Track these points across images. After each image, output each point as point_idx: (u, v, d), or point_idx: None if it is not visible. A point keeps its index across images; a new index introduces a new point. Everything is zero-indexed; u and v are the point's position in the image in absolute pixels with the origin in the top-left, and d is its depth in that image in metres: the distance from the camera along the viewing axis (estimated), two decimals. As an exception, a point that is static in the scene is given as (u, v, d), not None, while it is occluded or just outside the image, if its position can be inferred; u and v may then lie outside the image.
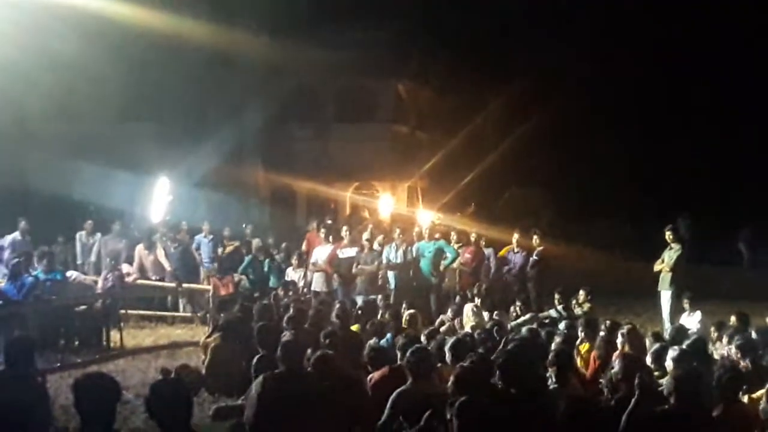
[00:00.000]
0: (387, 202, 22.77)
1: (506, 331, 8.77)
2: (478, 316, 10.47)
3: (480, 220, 19.33)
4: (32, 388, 5.74)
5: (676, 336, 8.01)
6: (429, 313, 11.85)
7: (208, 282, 13.93)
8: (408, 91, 26.00)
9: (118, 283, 12.68)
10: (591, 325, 8.40)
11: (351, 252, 13.19)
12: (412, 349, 6.05)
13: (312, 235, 15.16)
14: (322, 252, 13.33)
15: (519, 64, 24.51)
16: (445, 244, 13.52)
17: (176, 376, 7.07)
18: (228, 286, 13.36)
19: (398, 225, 15.35)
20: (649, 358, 6.99)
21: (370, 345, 7.49)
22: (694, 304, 10.78)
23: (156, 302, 14.01)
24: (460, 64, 24.76)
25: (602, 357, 7.60)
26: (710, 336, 8.98)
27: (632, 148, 25.97)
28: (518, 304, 11.27)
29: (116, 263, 13.32)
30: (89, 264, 14.86)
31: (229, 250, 15.11)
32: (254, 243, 14.86)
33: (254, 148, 23.98)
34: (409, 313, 9.35)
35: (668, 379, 5.50)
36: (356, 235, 14.13)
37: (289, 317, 8.67)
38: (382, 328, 8.65)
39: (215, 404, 7.85)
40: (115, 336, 11.62)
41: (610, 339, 7.78)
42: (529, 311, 11.20)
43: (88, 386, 4.03)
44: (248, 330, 8.47)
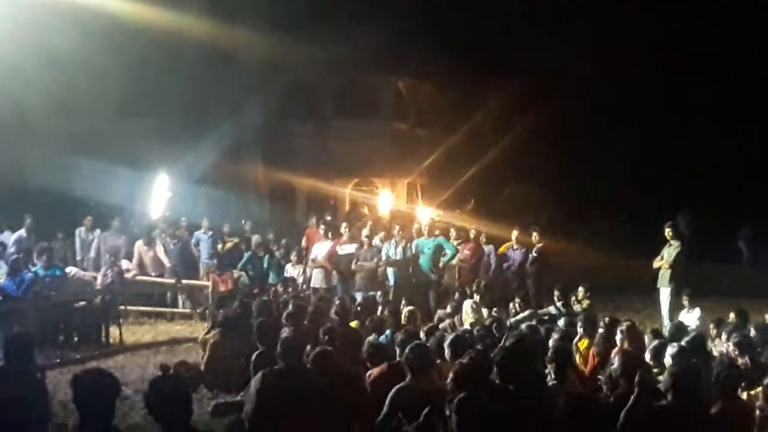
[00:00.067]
0: (386, 198, 22.74)
1: (505, 328, 8.77)
2: (478, 312, 10.49)
3: (479, 216, 19.32)
4: (31, 384, 5.72)
5: (675, 333, 8.01)
6: (428, 310, 11.86)
7: (208, 278, 13.95)
8: (408, 87, 25.98)
9: (117, 279, 12.69)
10: (590, 322, 8.40)
11: (350, 248, 13.19)
12: (411, 346, 6.04)
13: (311, 230, 15.16)
14: (321, 248, 13.32)
15: (519, 63, 24.44)
16: (445, 241, 13.52)
17: (175, 373, 7.02)
18: (227, 283, 13.37)
19: (398, 221, 15.34)
20: (648, 355, 6.99)
21: (369, 341, 7.51)
22: (693, 301, 10.82)
23: (155, 298, 14.04)
24: (460, 63, 24.71)
25: (601, 354, 7.60)
26: (709, 333, 9.00)
27: (632, 148, 25.91)
28: (517, 301, 11.29)
29: (115, 259, 13.34)
30: (88, 260, 14.88)
31: (228, 246, 15.14)
32: (254, 239, 14.88)
33: (254, 145, 23.95)
34: (408, 309, 9.35)
35: (666, 376, 5.50)
36: (356, 231, 14.13)
37: (289, 313, 8.67)
38: (381, 325, 8.64)
39: (214, 400, 7.84)
40: (114, 332, 11.65)
41: (609, 336, 7.78)
42: (528, 308, 11.21)
43: (87, 382, 4.02)
44: (247, 326, 8.49)
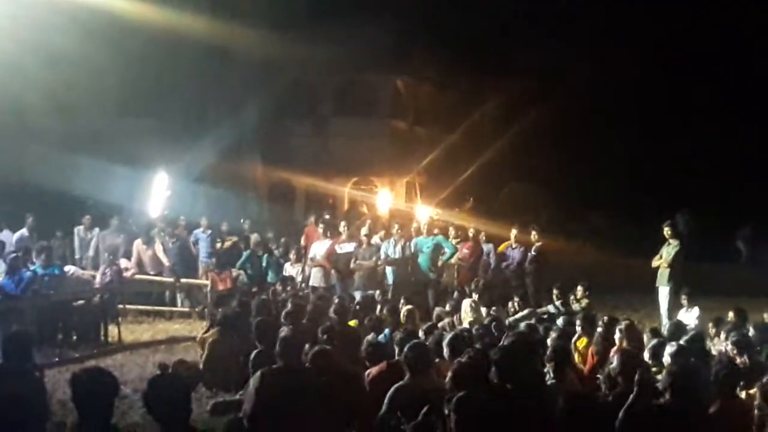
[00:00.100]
0: (385, 197, 22.75)
1: (504, 327, 8.77)
2: (476, 311, 10.50)
3: (478, 215, 19.32)
4: (30, 383, 5.72)
5: (674, 332, 8.01)
6: (427, 309, 11.86)
7: (206, 277, 13.96)
8: (407, 87, 25.96)
9: (116, 277, 12.66)
10: (589, 321, 8.42)
11: (349, 247, 13.18)
12: (409, 345, 6.05)
13: (310, 229, 15.15)
14: (320, 247, 13.32)
15: (519, 63, 24.43)
16: (444, 240, 13.52)
17: (174, 371, 7.03)
18: (226, 281, 13.39)
19: (396, 220, 15.36)
20: (647, 354, 7.00)
21: (368, 340, 7.51)
22: (692, 300, 10.83)
23: (154, 297, 14.04)
24: (460, 63, 24.71)
25: (600, 352, 7.61)
26: (708, 332, 9.01)
27: (632, 148, 25.92)
28: (516, 300, 11.31)
29: (114, 258, 13.30)
30: (87, 259, 14.87)
31: (227, 245, 15.15)
32: (252, 238, 14.88)
33: (253, 144, 23.93)
34: (407, 308, 9.34)
35: (664, 375, 5.51)
36: (354, 230, 14.13)
37: (287, 312, 8.68)
38: (380, 324, 8.65)
39: (213, 399, 7.84)
40: (113, 331, 11.63)
41: (607, 335, 7.79)
42: (527, 307, 11.23)
43: (86, 381, 4.02)
44: (246, 325, 8.48)
